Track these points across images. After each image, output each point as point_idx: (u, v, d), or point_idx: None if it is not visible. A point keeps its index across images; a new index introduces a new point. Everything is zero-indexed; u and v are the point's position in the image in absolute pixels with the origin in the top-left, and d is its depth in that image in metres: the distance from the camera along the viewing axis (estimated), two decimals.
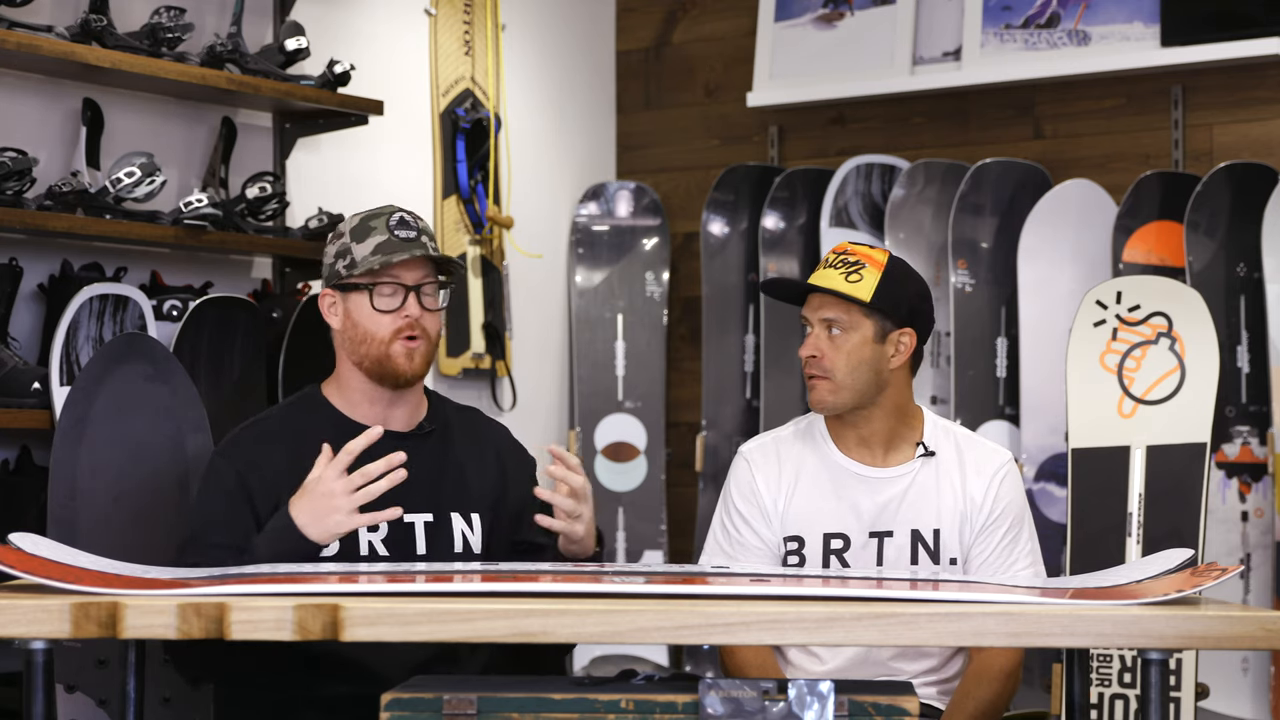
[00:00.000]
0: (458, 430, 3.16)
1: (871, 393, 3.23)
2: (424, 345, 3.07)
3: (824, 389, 3.22)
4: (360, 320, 3.06)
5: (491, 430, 3.24)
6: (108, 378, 3.36)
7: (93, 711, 3.33)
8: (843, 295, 3.19)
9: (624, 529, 5.38)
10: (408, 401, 3.11)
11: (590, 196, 5.53)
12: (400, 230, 3.05)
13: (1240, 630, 2.35)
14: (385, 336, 3.04)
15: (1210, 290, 4.56)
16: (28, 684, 2.38)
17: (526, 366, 5.29)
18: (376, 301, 3.04)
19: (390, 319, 3.04)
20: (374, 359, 3.05)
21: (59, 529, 3.25)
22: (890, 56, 5.17)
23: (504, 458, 3.18)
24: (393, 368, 3.05)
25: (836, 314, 3.21)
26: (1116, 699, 3.61)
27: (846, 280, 3.20)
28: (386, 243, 3.04)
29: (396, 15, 4.95)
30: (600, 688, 2.41)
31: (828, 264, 3.24)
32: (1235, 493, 4.63)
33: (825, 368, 3.21)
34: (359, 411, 3.10)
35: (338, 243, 3.09)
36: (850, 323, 3.21)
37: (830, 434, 3.29)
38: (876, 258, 3.22)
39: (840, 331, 3.21)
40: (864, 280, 3.19)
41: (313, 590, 2.49)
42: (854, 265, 3.21)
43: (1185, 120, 4.88)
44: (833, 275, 3.22)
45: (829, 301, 3.22)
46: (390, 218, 3.06)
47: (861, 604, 2.45)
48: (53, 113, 4.01)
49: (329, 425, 3.07)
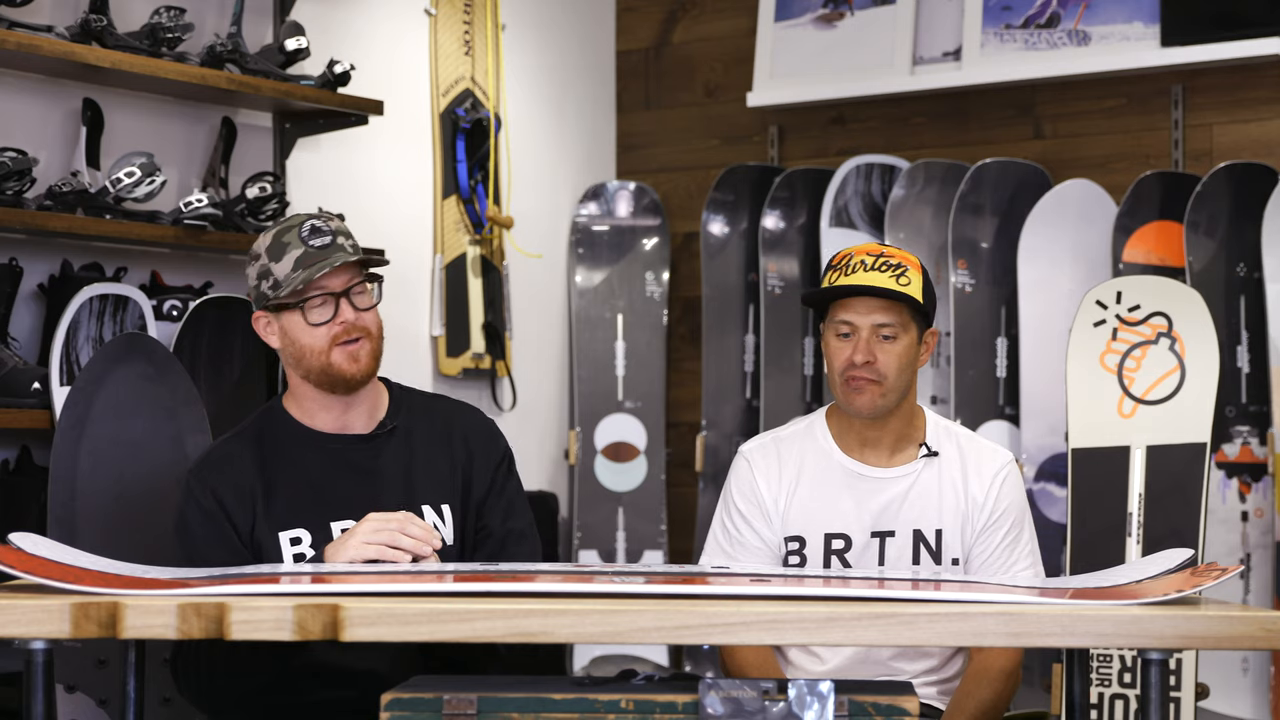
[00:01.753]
0: (423, 421, 3.14)
1: (906, 394, 3.22)
2: (368, 343, 3.04)
3: (874, 393, 3.18)
4: (297, 337, 3.03)
5: (460, 415, 3.20)
6: (108, 378, 3.37)
7: (93, 711, 3.33)
8: (902, 296, 3.16)
9: (624, 529, 5.38)
10: (364, 402, 3.10)
11: (590, 196, 5.53)
12: (314, 239, 3.01)
13: (1240, 630, 2.35)
14: (323, 347, 3.02)
15: (1210, 290, 4.55)
16: (28, 684, 2.38)
17: (526, 366, 5.29)
18: (309, 316, 3.02)
19: (326, 329, 3.02)
20: (319, 370, 3.03)
21: (59, 529, 3.25)
22: (890, 56, 5.17)
23: (470, 443, 3.15)
24: (339, 373, 3.03)
25: (890, 317, 3.17)
26: (1116, 699, 3.61)
27: (898, 283, 3.16)
28: (304, 256, 3.00)
29: (396, 15, 4.95)
30: (600, 688, 2.41)
31: (868, 267, 3.17)
32: (1235, 493, 4.63)
33: (880, 372, 3.16)
34: (317, 420, 3.08)
35: (257, 264, 3.05)
36: (902, 325, 3.18)
37: (832, 434, 3.29)
38: (912, 259, 3.20)
39: (893, 335, 3.18)
40: (912, 282, 3.17)
41: (313, 590, 2.49)
42: (898, 267, 3.17)
43: (1185, 120, 4.88)
44: (881, 278, 3.16)
45: (880, 305, 3.17)
46: (301, 229, 3.03)
47: (861, 604, 2.45)
48: (53, 113, 4.01)
49: (292, 439, 3.08)
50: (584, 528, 5.36)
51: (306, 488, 3.03)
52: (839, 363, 3.19)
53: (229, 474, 3.03)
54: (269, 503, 3.01)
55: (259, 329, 3.09)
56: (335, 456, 3.05)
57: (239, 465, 3.04)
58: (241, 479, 3.03)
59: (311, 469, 3.05)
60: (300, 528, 3.01)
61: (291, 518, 3.01)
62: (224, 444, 3.11)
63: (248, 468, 3.03)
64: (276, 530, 3.00)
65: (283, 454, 3.05)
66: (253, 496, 3.01)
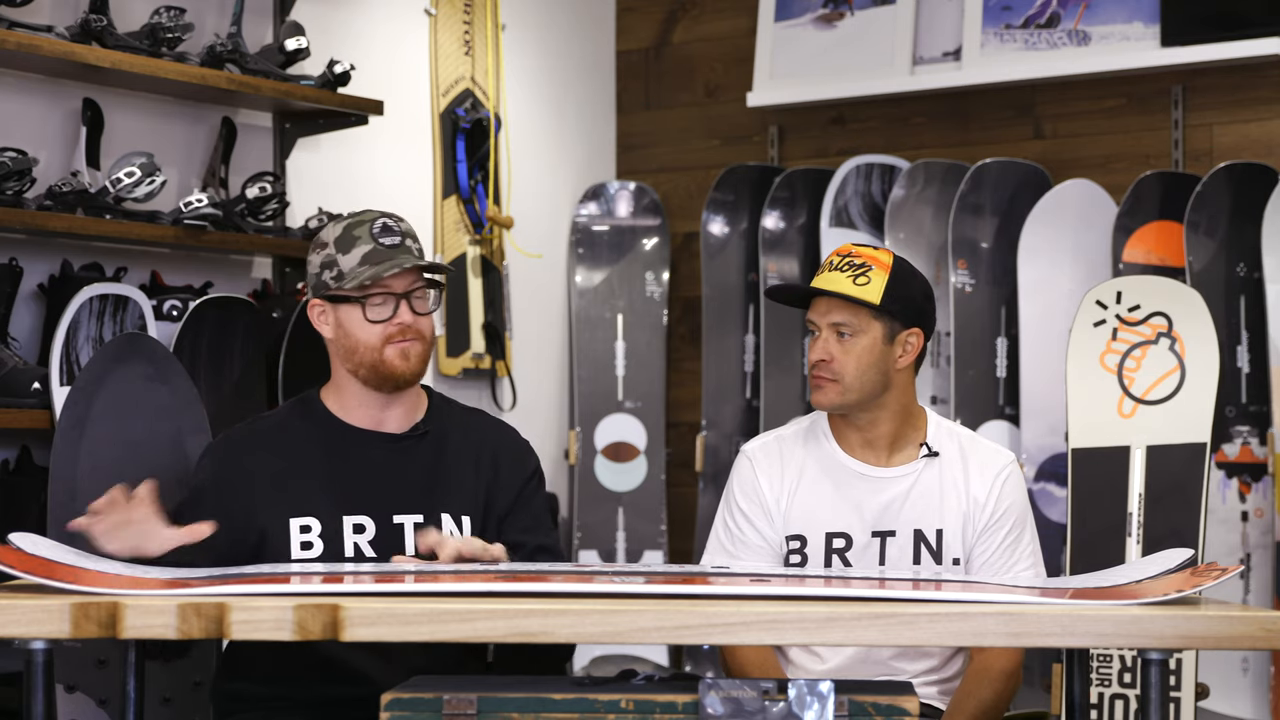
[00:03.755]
0: (456, 432, 3.15)
1: (877, 393, 3.22)
2: (419, 345, 3.06)
3: (832, 391, 3.21)
4: (353, 330, 3.05)
5: (494, 432, 3.22)
6: (108, 378, 3.36)
7: (93, 711, 3.33)
8: (852, 299, 3.19)
9: (624, 529, 5.38)
10: (403, 403, 3.11)
11: (590, 196, 5.53)
12: (385, 238, 3.04)
13: (1240, 630, 2.35)
14: (377, 344, 3.04)
15: (1210, 290, 4.55)
16: (28, 684, 2.38)
17: (526, 366, 5.29)
18: (369, 312, 3.04)
19: (383, 327, 3.04)
20: (369, 365, 3.05)
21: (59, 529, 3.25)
22: (890, 56, 5.17)
23: (499, 459, 3.16)
24: (389, 371, 3.05)
25: (845, 318, 3.20)
26: (1116, 699, 3.61)
27: (854, 283, 3.18)
28: (373, 253, 3.02)
29: (396, 15, 4.95)
30: (600, 688, 2.41)
31: (832, 267, 3.22)
32: (1235, 493, 4.63)
33: (835, 371, 3.19)
34: (354, 416, 3.11)
35: (322, 253, 3.07)
36: (859, 326, 3.20)
37: (833, 433, 3.29)
38: (881, 259, 3.21)
39: (850, 335, 3.19)
40: (872, 283, 3.18)
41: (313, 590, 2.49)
42: (860, 268, 3.19)
43: (1185, 120, 4.88)
44: (839, 278, 3.20)
45: (837, 305, 3.20)
46: (373, 225, 3.05)
47: (861, 604, 2.45)
48: (53, 113, 4.01)
49: (322, 429, 3.10)
50: (584, 528, 5.36)
51: (325, 478, 3.05)
52: (809, 360, 3.25)
53: (239, 453, 3.08)
54: (281, 488, 3.02)
55: (312, 316, 3.10)
56: (360, 452, 3.07)
57: (253, 448, 3.08)
58: (251, 461, 3.06)
59: (334, 461, 3.06)
60: (311, 516, 3.02)
61: (304, 505, 3.02)
62: (249, 424, 3.16)
63: (261, 452, 3.07)
64: (287, 516, 3.02)
65: (307, 442, 3.07)
66: (259, 480, 3.03)
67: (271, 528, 3.01)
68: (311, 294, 3.10)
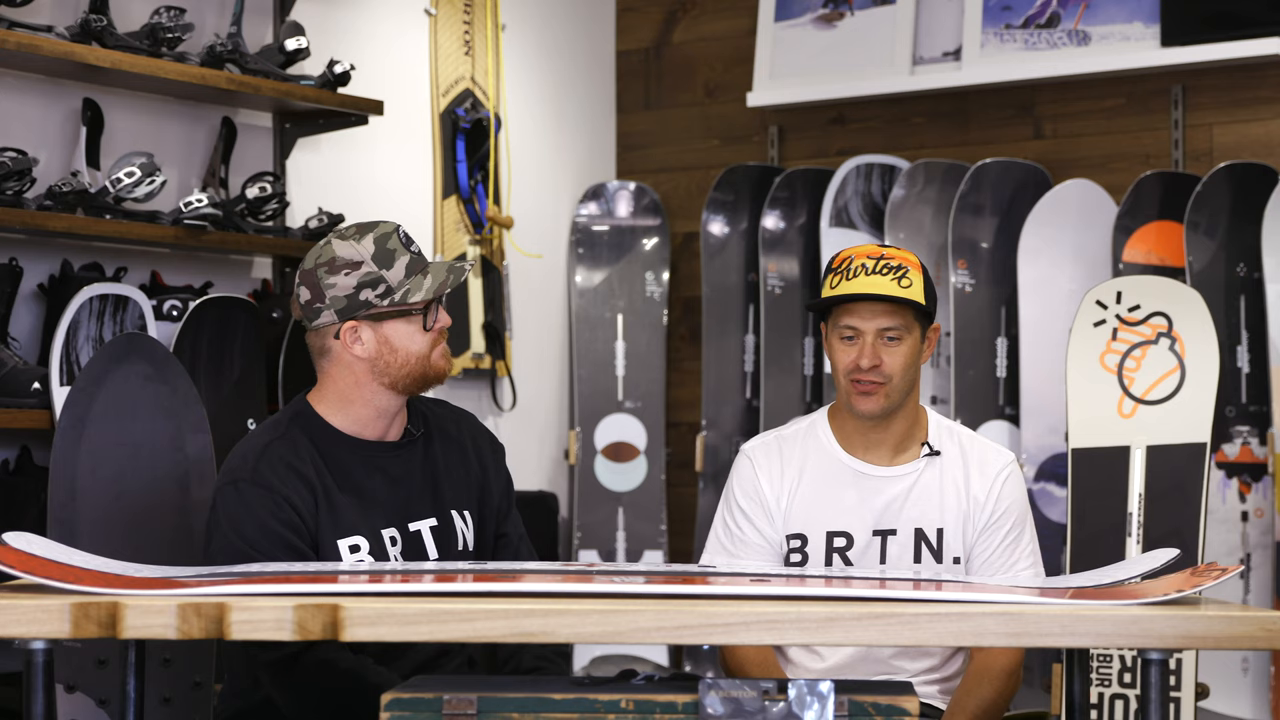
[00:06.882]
0: (438, 429, 3.14)
1: (909, 393, 3.23)
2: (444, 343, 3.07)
3: (880, 395, 3.18)
4: (400, 344, 2.97)
5: (463, 421, 3.20)
6: (108, 378, 3.36)
7: (93, 711, 3.33)
8: (904, 301, 3.16)
9: (624, 529, 5.39)
10: (403, 409, 3.09)
11: (590, 196, 5.53)
12: (412, 246, 3.00)
13: (1240, 630, 2.35)
14: (428, 351, 3.00)
15: (1210, 290, 4.56)
16: (28, 684, 2.38)
17: (526, 366, 5.29)
18: (429, 321, 2.99)
19: (434, 334, 3.00)
20: (417, 375, 2.99)
21: (59, 529, 3.24)
22: (890, 56, 5.17)
23: (480, 450, 3.16)
24: (436, 374, 3.02)
25: (894, 321, 3.17)
26: (1116, 699, 3.61)
27: (900, 285, 3.16)
28: (414, 262, 2.97)
29: (396, 15, 4.95)
30: (600, 688, 2.41)
31: (869, 271, 3.17)
32: (1235, 493, 4.63)
33: (886, 375, 3.17)
34: (364, 429, 3.02)
35: (357, 273, 2.94)
36: (906, 328, 3.18)
37: (835, 432, 3.29)
38: (911, 258, 3.20)
39: (897, 339, 3.18)
40: (914, 284, 3.17)
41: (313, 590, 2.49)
42: (899, 270, 3.17)
43: (1185, 120, 4.88)
44: (883, 282, 3.16)
45: (883, 309, 3.17)
46: (399, 234, 2.99)
47: (862, 604, 2.45)
48: (53, 113, 4.01)
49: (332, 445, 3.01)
50: (584, 528, 5.36)
51: (355, 494, 2.99)
52: (844, 366, 3.19)
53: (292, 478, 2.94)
54: (330, 509, 2.96)
55: (345, 340, 2.97)
56: (370, 463, 3.02)
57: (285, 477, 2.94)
58: (305, 483, 2.95)
59: (356, 475, 3.00)
60: (357, 535, 2.96)
61: (346, 526, 2.96)
62: (275, 446, 2.98)
63: (308, 471, 2.96)
64: (334, 539, 2.95)
65: (326, 461, 2.98)
66: (317, 500, 2.95)
67: (325, 550, 2.95)
68: (346, 317, 2.96)
